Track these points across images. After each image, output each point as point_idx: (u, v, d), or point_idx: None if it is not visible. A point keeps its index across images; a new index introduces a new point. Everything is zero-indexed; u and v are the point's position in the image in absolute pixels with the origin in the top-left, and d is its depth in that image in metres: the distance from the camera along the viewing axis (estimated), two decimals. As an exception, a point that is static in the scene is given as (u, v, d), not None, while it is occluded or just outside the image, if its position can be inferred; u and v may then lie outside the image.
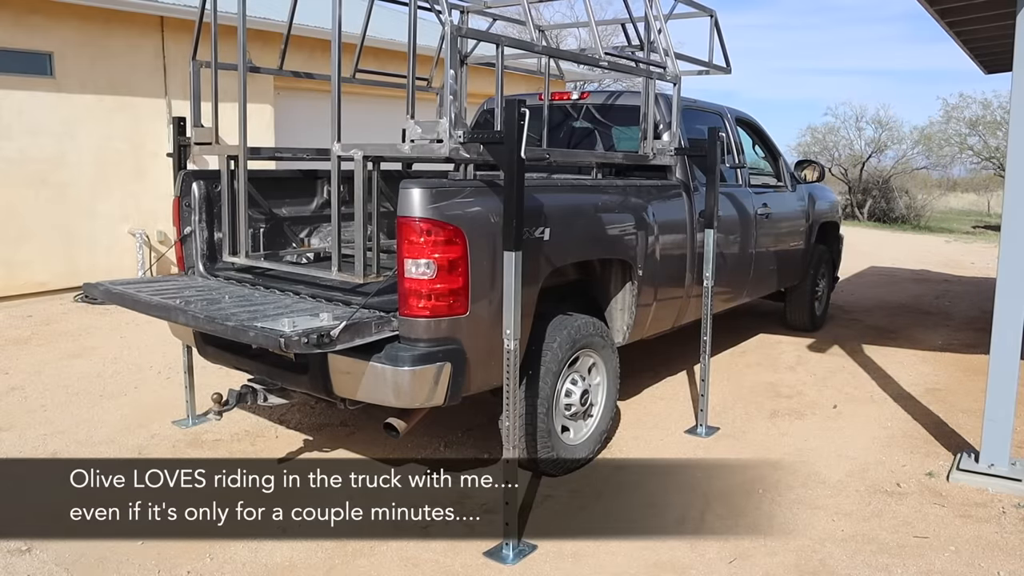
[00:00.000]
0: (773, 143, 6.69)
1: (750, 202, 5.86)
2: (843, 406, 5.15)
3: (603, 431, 4.24)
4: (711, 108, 5.79)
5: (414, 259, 3.20)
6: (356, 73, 5.06)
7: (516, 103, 3.00)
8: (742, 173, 5.92)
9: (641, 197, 4.49)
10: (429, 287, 3.21)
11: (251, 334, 3.13)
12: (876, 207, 24.61)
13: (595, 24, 4.16)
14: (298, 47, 9.60)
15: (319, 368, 3.49)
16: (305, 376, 3.61)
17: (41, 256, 8.26)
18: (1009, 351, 3.83)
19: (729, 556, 3.23)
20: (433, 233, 3.20)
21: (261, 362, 3.84)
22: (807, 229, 6.86)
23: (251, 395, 3.93)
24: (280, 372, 3.76)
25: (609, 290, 4.45)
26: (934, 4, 5.57)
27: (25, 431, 4.51)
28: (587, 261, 4.18)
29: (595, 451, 4.19)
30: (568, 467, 3.98)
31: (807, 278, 7.04)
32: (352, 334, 3.15)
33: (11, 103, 7.95)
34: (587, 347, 4.04)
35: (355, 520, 3.48)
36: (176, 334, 4.48)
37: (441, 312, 3.25)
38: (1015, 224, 3.77)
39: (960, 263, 13.14)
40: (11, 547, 3.21)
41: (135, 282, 4.24)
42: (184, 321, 3.53)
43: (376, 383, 3.32)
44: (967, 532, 3.44)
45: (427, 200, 3.20)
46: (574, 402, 4.01)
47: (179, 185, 4.33)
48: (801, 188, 6.86)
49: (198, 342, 4.20)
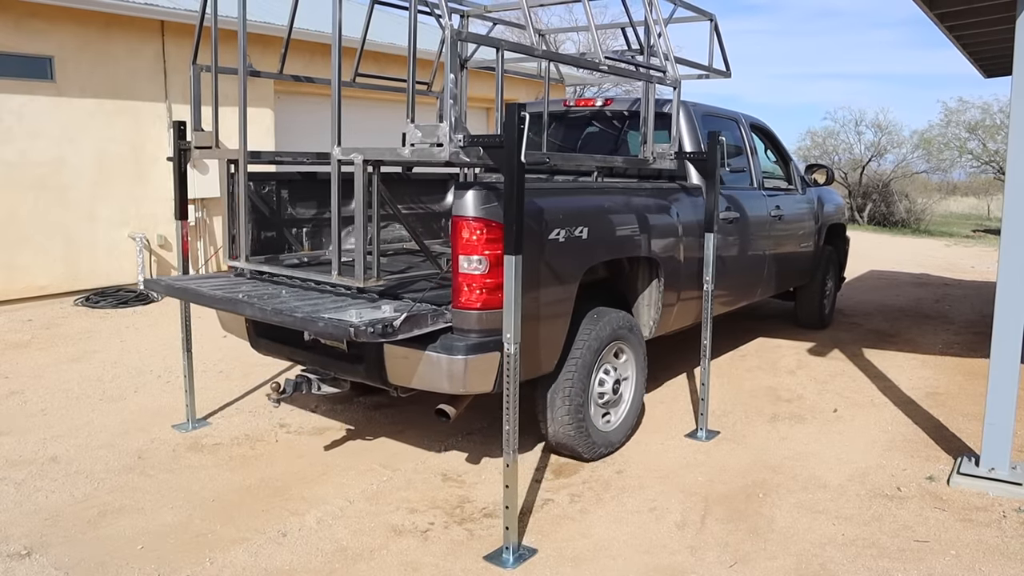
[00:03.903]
0: (784, 148, 6.95)
1: (764, 204, 6.12)
2: (843, 410, 5.15)
3: (632, 419, 4.49)
4: (728, 115, 6.07)
5: (467, 255, 3.43)
6: (356, 77, 5.06)
7: (516, 107, 3.00)
8: (757, 176, 6.17)
9: (667, 199, 4.76)
10: (481, 281, 3.44)
11: (320, 324, 3.31)
12: (876, 211, 24.64)
13: (595, 28, 4.16)
14: (298, 51, 9.65)
15: (374, 358, 3.70)
16: (359, 366, 3.81)
17: (41, 260, 8.26)
18: (1009, 355, 3.83)
19: (730, 560, 3.22)
20: (485, 231, 3.42)
21: (314, 353, 4.05)
22: (816, 231, 7.14)
23: (306, 384, 4.15)
24: (333, 362, 3.98)
25: (636, 287, 4.74)
26: (934, 8, 5.57)
27: (25, 435, 4.51)
28: (617, 259, 4.39)
29: (626, 437, 4.46)
30: (602, 452, 4.26)
31: (817, 278, 7.30)
32: (411, 325, 3.36)
33: (12, 107, 7.96)
34: (619, 340, 4.30)
35: (355, 524, 3.49)
36: (227, 328, 4.65)
37: (491, 305, 3.45)
38: (1015, 228, 3.77)
39: (960, 267, 13.14)
40: (11, 551, 3.21)
41: (189, 279, 4.34)
42: (251, 314, 3.70)
43: (431, 371, 3.52)
44: (968, 536, 3.44)
45: (480, 201, 3.42)
46: (607, 391, 4.27)
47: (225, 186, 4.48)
48: (811, 191, 7.14)
49: (251, 335, 4.41)
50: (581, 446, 4.11)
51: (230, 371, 5.86)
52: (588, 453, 4.17)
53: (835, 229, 7.66)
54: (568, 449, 4.15)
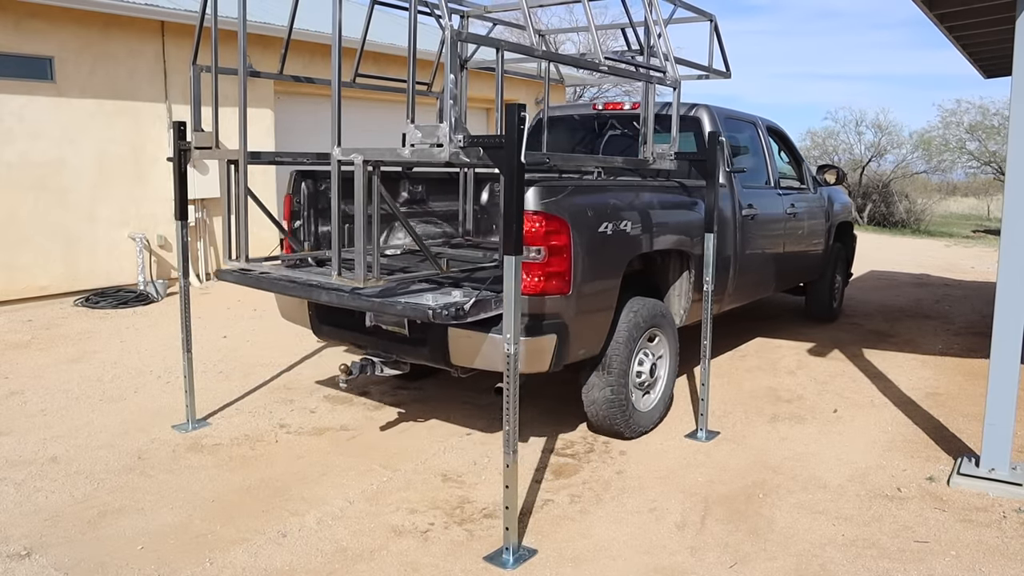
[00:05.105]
0: (796, 149, 7.30)
1: (780, 202, 6.46)
2: (843, 410, 5.15)
3: (666, 400, 4.83)
4: (747, 118, 6.44)
5: (528, 246, 3.73)
6: (356, 77, 5.06)
7: (516, 107, 3.00)
8: (773, 176, 6.51)
9: (696, 196, 5.00)
10: (539, 269, 3.77)
11: (399, 307, 3.65)
12: (876, 211, 24.63)
13: (595, 28, 4.16)
14: (298, 51, 9.66)
15: (438, 340, 4.00)
16: (423, 348, 4.14)
17: (41, 260, 8.26)
18: (1009, 355, 3.83)
19: (730, 561, 3.22)
20: (544, 224, 3.75)
21: (376, 337, 4.36)
22: (827, 228, 7.48)
23: (370, 367, 4.43)
24: (395, 345, 4.30)
25: (668, 278, 5.04)
26: (934, 9, 5.57)
27: (25, 435, 4.50)
28: (652, 252, 4.62)
29: (661, 417, 4.79)
30: (640, 431, 4.58)
31: (827, 273, 7.65)
32: (478, 309, 3.65)
33: (12, 107, 7.96)
34: (655, 326, 4.62)
35: (355, 524, 3.49)
36: (288, 317, 4.91)
37: (549, 291, 3.81)
38: (1015, 228, 3.77)
39: (960, 267, 13.14)
40: (11, 551, 3.21)
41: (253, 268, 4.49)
42: (328, 300, 3.97)
43: (492, 352, 3.80)
44: (968, 537, 3.44)
45: (539, 196, 3.76)
46: (644, 371, 4.58)
47: (291, 184, 4.79)
48: (822, 191, 7.46)
49: (313, 323, 4.72)
50: (622, 425, 4.41)
51: (230, 371, 5.86)
52: (628, 432, 4.47)
53: (843, 227, 8.01)
54: (609, 428, 4.46)
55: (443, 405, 5.12)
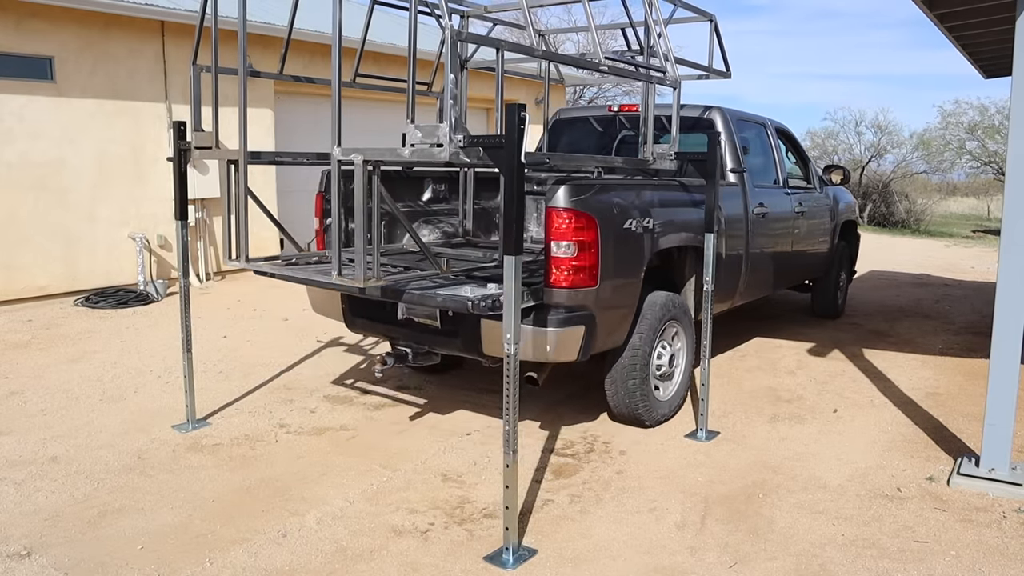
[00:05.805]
0: (803, 149, 7.47)
1: (788, 201, 6.60)
2: (843, 410, 5.15)
3: (683, 391, 5.00)
4: (757, 119, 6.61)
5: (558, 241, 3.93)
6: (356, 77, 5.06)
7: (516, 107, 3.00)
8: (782, 175, 6.67)
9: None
10: (569, 263, 3.94)
11: (439, 299, 3.80)
12: (876, 211, 24.62)
13: (595, 28, 4.16)
14: (298, 51, 9.66)
15: (471, 331, 4.18)
16: (455, 339, 4.31)
17: (41, 260, 8.26)
18: (1009, 355, 3.83)
19: (729, 561, 3.22)
20: (574, 220, 3.93)
21: (409, 329, 4.53)
22: (832, 226, 7.65)
23: (404, 358, 4.65)
24: (428, 337, 4.47)
25: (684, 273, 5.21)
26: (934, 9, 5.57)
27: (25, 435, 4.51)
28: (671, 248, 4.77)
29: (678, 406, 4.97)
30: (659, 419, 4.76)
31: (833, 270, 7.84)
32: None
33: (12, 107, 7.96)
34: (673, 319, 4.81)
35: (355, 524, 3.49)
36: (320, 310, 5.06)
37: (578, 284, 3.98)
38: (1015, 228, 3.77)
39: (960, 267, 13.14)
40: (11, 551, 3.21)
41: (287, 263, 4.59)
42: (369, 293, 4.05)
43: (524, 342, 3.91)
44: (968, 537, 3.44)
45: (569, 194, 3.94)
46: (664, 363, 4.78)
47: (322, 182, 4.98)
48: (828, 190, 7.62)
49: (346, 316, 4.87)
50: (644, 413, 4.60)
51: (230, 371, 5.86)
52: (649, 420, 4.65)
53: (848, 226, 8.16)
54: (631, 417, 4.65)
55: (443, 405, 5.12)
